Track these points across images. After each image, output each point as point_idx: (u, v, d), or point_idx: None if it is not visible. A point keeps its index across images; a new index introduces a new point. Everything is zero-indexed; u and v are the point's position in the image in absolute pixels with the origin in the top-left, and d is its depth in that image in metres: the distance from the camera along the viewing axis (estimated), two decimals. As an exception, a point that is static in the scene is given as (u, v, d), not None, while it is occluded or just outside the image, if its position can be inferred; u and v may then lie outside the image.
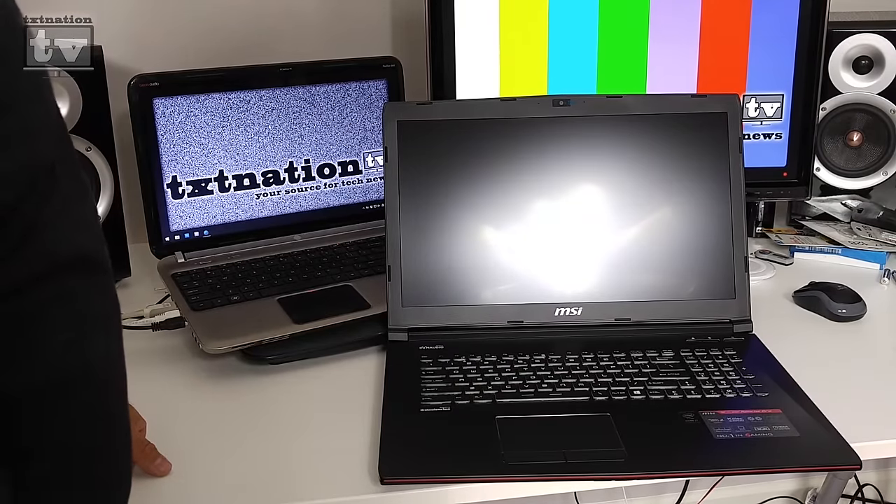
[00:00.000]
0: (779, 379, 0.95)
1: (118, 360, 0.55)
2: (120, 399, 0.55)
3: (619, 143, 1.06)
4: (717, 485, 1.38)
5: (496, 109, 1.06)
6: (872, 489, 1.75)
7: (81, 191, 0.53)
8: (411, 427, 0.87)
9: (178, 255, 1.18)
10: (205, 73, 1.20)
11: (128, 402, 0.57)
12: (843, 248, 1.31)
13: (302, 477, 0.82)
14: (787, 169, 1.29)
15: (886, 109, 1.33)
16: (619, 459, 0.81)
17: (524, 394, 0.92)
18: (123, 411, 0.56)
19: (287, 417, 0.93)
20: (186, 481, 0.82)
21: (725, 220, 1.05)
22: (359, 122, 1.28)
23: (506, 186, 1.05)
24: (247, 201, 1.23)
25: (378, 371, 1.00)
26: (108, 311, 0.54)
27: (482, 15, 1.23)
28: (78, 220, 0.51)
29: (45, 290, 0.49)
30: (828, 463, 0.86)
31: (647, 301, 1.04)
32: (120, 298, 0.55)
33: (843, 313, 1.12)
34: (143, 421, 0.85)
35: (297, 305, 1.08)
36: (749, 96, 1.26)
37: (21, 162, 0.47)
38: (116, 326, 0.55)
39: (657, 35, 1.24)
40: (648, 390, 0.92)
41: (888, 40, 1.31)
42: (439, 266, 1.04)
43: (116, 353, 0.55)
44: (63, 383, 0.50)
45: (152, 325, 1.09)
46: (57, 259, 0.49)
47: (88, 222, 0.53)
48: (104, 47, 1.19)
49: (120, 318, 0.56)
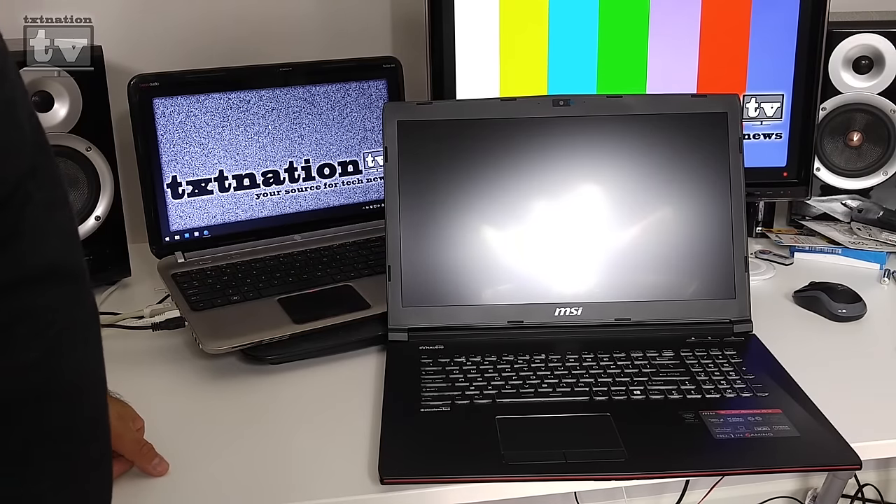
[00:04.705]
0: (779, 379, 0.95)
1: (96, 368, 0.54)
2: (98, 407, 0.55)
3: (619, 143, 1.06)
4: (717, 485, 1.38)
5: (496, 109, 1.06)
6: (872, 489, 1.75)
7: (60, 198, 0.52)
8: (411, 427, 0.87)
9: (178, 255, 1.18)
10: (205, 73, 1.20)
11: (108, 410, 0.56)
12: (843, 248, 1.31)
13: (302, 477, 0.82)
14: (787, 169, 1.29)
15: (886, 109, 1.33)
16: (619, 459, 0.81)
17: (524, 394, 0.92)
18: (103, 419, 0.55)
19: (287, 417, 0.93)
20: (185, 481, 0.82)
21: (725, 220, 1.05)
22: (359, 122, 1.28)
23: (506, 186, 1.05)
24: (247, 201, 1.23)
25: (378, 371, 1.00)
26: (84, 321, 0.53)
27: (482, 15, 1.23)
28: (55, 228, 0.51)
29: (19, 299, 0.48)
30: (828, 463, 0.86)
31: (647, 301, 1.04)
32: (120, 298, 0.55)
33: (843, 313, 1.12)
34: (141, 420, 0.85)
35: (297, 305, 1.08)
36: (749, 96, 1.26)
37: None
38: (94, 335, 0.54)
39: (657, 35, 1.24)
40: (648, 390, 0.92)
41: (888, 40, 1.31)
42: (439, 266, 1.04)
43: (95, 362, 0.54)
44: (38, 394, 0.50)
45: (152, 325, 1.09)
46: (32, 268, 0.48)
47: (66, 230, 0.52)
48: (104, 47, 1.19)
49: (98, 326, 0.55)
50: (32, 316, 0.49)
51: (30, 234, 0.49)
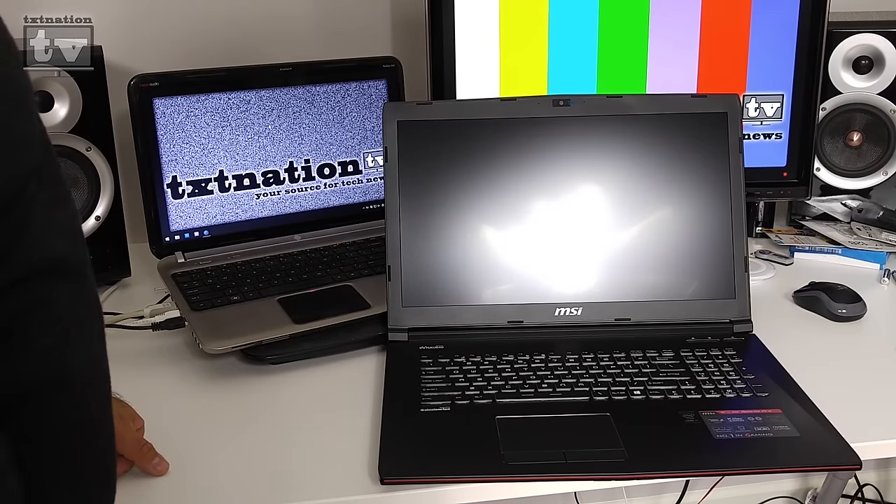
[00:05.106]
0: (779, 379, 0.95)
1: (100, 363, 0.55)
2: (103, 402, 0.55)
3: (619, 143, 1.06)
4: (717, 485, 1.38)
5: (496, 109, 1.06)
6: (872, 489, 1.75)
7: (63, 196, 0.52)
8: (411, 427, 0.87)
9: (178, 255, 1.18)
10: (205, 73, 1.20)
11: (111, 404, 0.56)
12: (843, 248, 1.31)
13: (302, 477, 0.82)
14: (787, 169, 1.29)
15: (886, 109, 1.33)
16: (619, 459, 0.81)
17: (524, 394, 0.92)
18: (107, 413, 0.56)
19: (287, 417, 0.93)
20: (185, 481, 0.82)
21: (725, 220, 1.05)
22: (359, 122, 1.28)
23: (506, 186, 1.05)
24: (247, 201, 1.23)
25: (378, 371, 1.00)
26: (88, 316, 0.54)
27: (482, 15, 1.23)
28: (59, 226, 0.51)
29: (25, 295, 0.49)
30: (828, 463, 0.86)
31: (647, 301, 1.04)
32: (120, 298, 0.56)
33: (843, 313, 1.12)
34: (140, 420, 0.85)
35: (297, 305, 1.08)
36: (749, 96, 1.26)
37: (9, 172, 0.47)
38: (98, 331, 0.55)
39: (657, 35, 1.24)
40: (648, 390, 0.92)
41: (888, 40, 1.31)
42: (439, 266, 1.04)
43: (99, 356, 0.54)
44: (43, 389, 0.50)
45: (152, 325, 1.09)
46: (37, 265, 0.49)
47: (69, 228, 0.52)
48: (104, 47, 1.19)
49: (102, 322, 0.56)
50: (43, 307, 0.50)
51: (35, 230, 0.49)
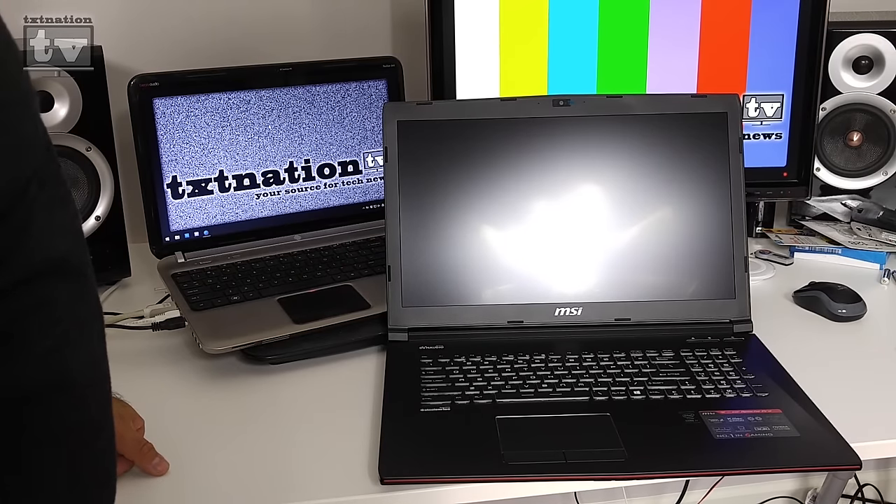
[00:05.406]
0: (779, 379, 0.95)
1: (101, 364, 0.55)
2: (103, 402, 0.55)
3: (619, 143, 1.06)
4: (717, 485, 1.38)
5: (496, 109, 1.06)
6: (872, 489, 1.75)
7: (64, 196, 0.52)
8: (411, 427, 0.87)
9: (178, 255, 1.18)
10: (205, 74, 1.20)
11: (112, 405, 0.56)
12: (843, 248, 1.31)
13: (302, 477, 0.82)
14: (787, 169, 1.29)
15: (886, 109, 1.33)
16: (619, 459, 0.81)
17: (524, 394, 0.92)
18: (107, 414, 0.56)
19: (287, 417, 0.93)
20: (185, 481, 0.82)
21: (725, 220, 1.05)
22: (359, 122, 1.28)
23: (506, 186, 1.05)
24: (247, 201, 1.23)
25: (378, 371, 1.00)
26: (88, 317, 0.54)
27: (482, 15, 1.23)
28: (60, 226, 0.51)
29: (26, 297, 0.48)
30: (828, 463, 0.86)
31: (647, 301, 1.04)
32: (120, 298, 0.56)
33: (843, 313, 1.12)
34: (141, 420, 0.85)
35: (297, 305, 1.08)
36: (749, 96, 1.26)
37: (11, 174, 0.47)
38: (98, 331, 0.55)
39: (657, 35, 1.24)
40: (648, 390, 0.92)
41: (888, 40, 1.31)
42: (439, 266, 1.04)
43: (99, 357, 0.54)
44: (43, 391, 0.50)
45: (152, 325, 1.09)
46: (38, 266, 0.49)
47: (70, 228, 0.52)
48: (104, 47, 1.19)
49: (102, 322, 0.55)
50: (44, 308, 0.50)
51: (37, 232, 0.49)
